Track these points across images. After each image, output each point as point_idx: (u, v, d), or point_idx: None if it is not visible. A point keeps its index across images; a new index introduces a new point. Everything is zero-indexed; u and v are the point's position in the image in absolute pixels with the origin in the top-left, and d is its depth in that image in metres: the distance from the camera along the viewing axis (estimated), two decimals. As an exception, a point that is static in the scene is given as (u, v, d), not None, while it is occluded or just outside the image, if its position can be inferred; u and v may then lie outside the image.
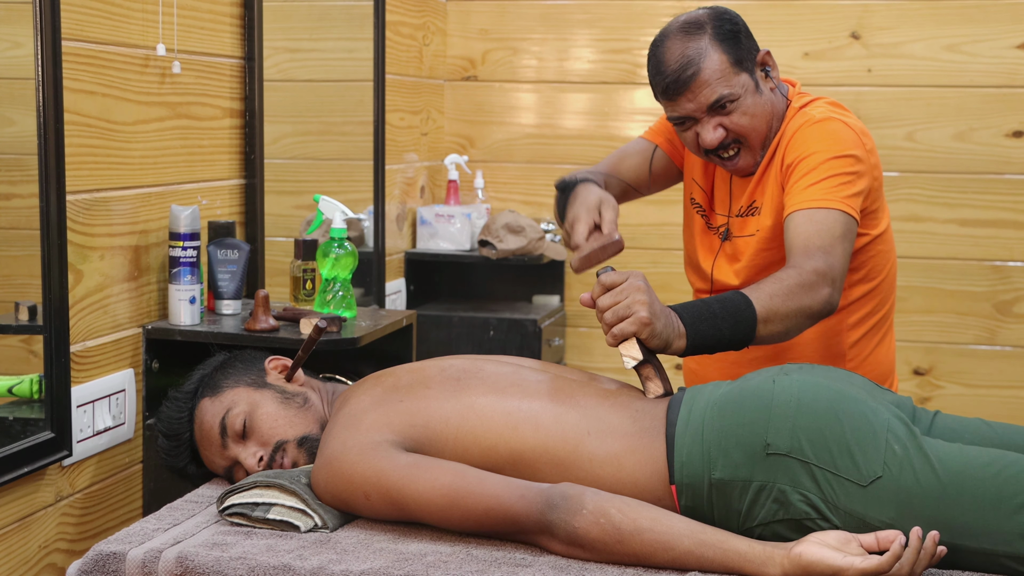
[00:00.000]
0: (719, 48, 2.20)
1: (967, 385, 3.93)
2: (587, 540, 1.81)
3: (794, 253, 2.09)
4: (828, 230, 2.10)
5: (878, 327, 2.34)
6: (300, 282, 2.69)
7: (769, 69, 2.28)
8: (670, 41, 2.22)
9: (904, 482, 1.80)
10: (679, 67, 2.19)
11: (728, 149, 2.25)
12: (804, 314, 2.03)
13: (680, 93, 2.21)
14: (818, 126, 2.22)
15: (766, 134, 2.26)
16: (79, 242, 2.26)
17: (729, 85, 2.20)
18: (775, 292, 2.01)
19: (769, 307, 1.99)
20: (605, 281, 1.96)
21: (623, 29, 4.06)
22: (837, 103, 2.31)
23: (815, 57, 3.92)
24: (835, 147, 2.18)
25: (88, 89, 2.28)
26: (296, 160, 3.27)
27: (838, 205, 2.13)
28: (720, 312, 1.98)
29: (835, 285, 2.06)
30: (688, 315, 1.98)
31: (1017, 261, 3.86)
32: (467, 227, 3.93)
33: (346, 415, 2.03)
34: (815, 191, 2.14)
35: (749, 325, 1.98)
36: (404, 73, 3.80)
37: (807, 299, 2.02)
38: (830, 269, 2.05)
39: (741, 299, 1.99)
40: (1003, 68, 3.81)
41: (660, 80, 2.23)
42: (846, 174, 2.16)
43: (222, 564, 1.82)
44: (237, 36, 2.81)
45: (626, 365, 1.97)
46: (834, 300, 2.06)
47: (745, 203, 2.29)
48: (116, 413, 2.39)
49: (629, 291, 1.94)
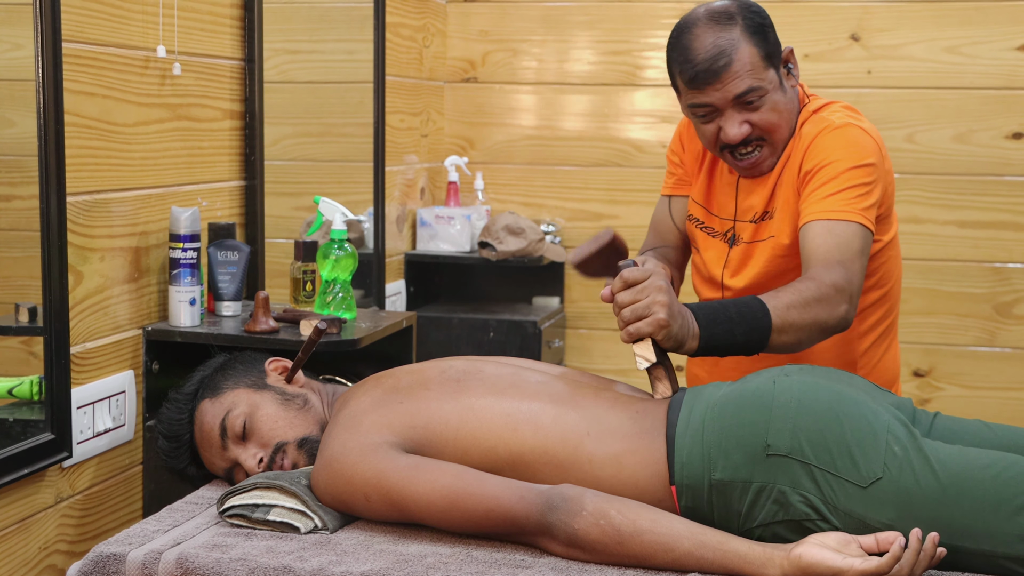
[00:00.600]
0: (751, 41, 2.15)
1: (967, 387, 3.93)
2: (587, 541, 1.81)
3: (813, 265, 2.07)
4: (847, 244, 2.08)
5: (886, 334, 2.32)
6: (300, 284, 2.69)
7: (792, 67, 2.24)
8: (699, 29, 2.16)
9: (904, 483, 1.80)
10: (711, 56, 2.13)
11: (748, 146, 2.20)
12: (818, 328, 2.01)
13: (709, 83, 2.15)
14: (838, 132, 2.18)
15: (788, 133, 2.22)
16: (79, 243, 2.26)
17: (759, 79, 2.15)
18: (793, 303, 1.99)
19: (785, 318, 1.98)
20: (627, 277, 1.94)
21: (623, 31, 4.06)
22: (852, 107, 2.27)
23: (815, 59, 3.92)
24: (855, 156, 2.15)
25: (88, 91, 2.28)
26: (296, 162, 3.27)
27: (857, 218, 2.10)
28: (736, 317, 1.97)
29: (852, 301, 2.04)
30: (704, 317, 1.96)
31: (1017, 263, 3.87)
32: (467, 229, 3.93)
33: (346, 416, 2.03)
34: (834, 202, 2.11)
35: (763, 333, 1.97)
36: (404, 75, 3.81)
37: (824, 313, 2.00)
38: (848, 285, 2.03)
39: (759, 306, 1.98)
40: (1003, 70, 3.81)
41: (689, 68, 2.15)
42: (864, 184, 2.13)
43: (222, 565, 1.82)
44: (237, 38, 2.81)
45: (639, 366, 1.96)
46: (850, 316, 2.04)
47: (759, 208, 2.25)
48: (116, 415, 2.39)
49: (650, 290, 1.92)
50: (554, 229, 4.08)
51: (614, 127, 4.10)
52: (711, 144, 2.23)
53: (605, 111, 4.11)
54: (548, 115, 4.16)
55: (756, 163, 2.23)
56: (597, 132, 4.13)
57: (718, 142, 2.21)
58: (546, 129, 4.17)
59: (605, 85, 4.11)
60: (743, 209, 2.28)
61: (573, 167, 4.14)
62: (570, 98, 4.16)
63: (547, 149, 4.15)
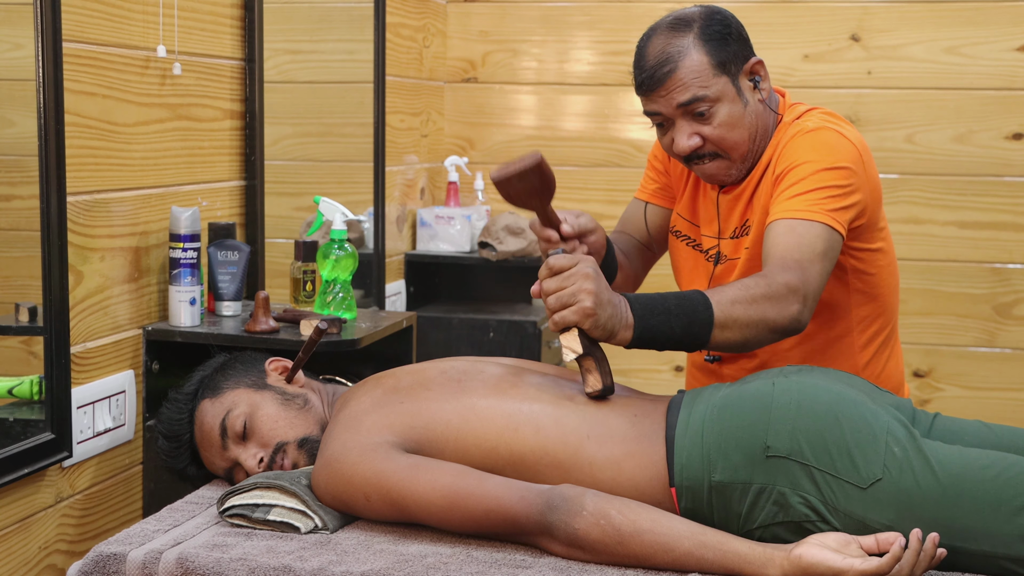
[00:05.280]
0: (702, 48, 2.10)
1: (967, 387, 3.93)
2: (587, 541, 1.81)
3: (769, 263, 1.99)
4: (808, 244, 1.99)
5: (886, 343, 2.26)
6: (300, 284, 2.69)
7: (759, 80, 2.16)
8: (656, 36, 2.14)
9: (904, 484, 1.80)
10: (656, 63, 2.11)
11: (703, 158, 2.15)
12: (767, 327, 1.93)
13: (653, 90, 2.12)
14: (811, 135, 2.12)
15: (748, 147, 2.15)
16: (79, 243, 2.26)
17: (705, 87, 2.10)
18: (738, 298, 1.91)
19: (729, 313, 1.90)
20: (553, 264, 1.90)
21: (623, 31, 4.06)
22: (832, 113, 2.21)
23: (815, 59, 3.92)
24: (827, 158, 2.07)
25: (89, 91, 2.28)
26: (296, 162, 3.27)
27: (823, 218, 2.02)
28: (675, 309, 1.91)
29: (806, 303, 1.95)
30: (640, 307, 1.90)
31: (1017, 263, 3.87)
32: (467, 229, 3.93)
33: (346, 416, 2.03)
34: (800, 201, 2.03)
35: (704, 327, 1.90)
36: (404, 75, 3.81)
37: (772, 312, 1.92)
38: (803, 285, 1.94)
39: (701, 299, 1.92)
40: (1003, 70, 3.81)
41: (637, 74, 2.14)
42: (836, 187, 2.05)
43: (222, 565, 1.82)
44: (238, 38, 2.81)
45: (564, 357, 1.91)
46: (803, 318, 1.95)
47: (738, 223, 2.20)
48: (116, 414, 2.39)
49: (576, 278, 1.87)
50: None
51: (614, 127, 4.11)
52: (670, 153, 2.20)
53: (605, 111, 4.11)
54: (548, 115, 4.16)
55: (714, 173, 2.18)
56: (597, 132, 4.13)
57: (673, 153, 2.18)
58: (546, 129, 4.17)
59: (605, 85, 4.11)
60: (725, 227, 2.24)
61: (573, 167, 4.14)
62: (570, 98, 4.16)
63: (547, 149, 4.15)
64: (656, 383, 4.09)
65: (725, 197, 2.23)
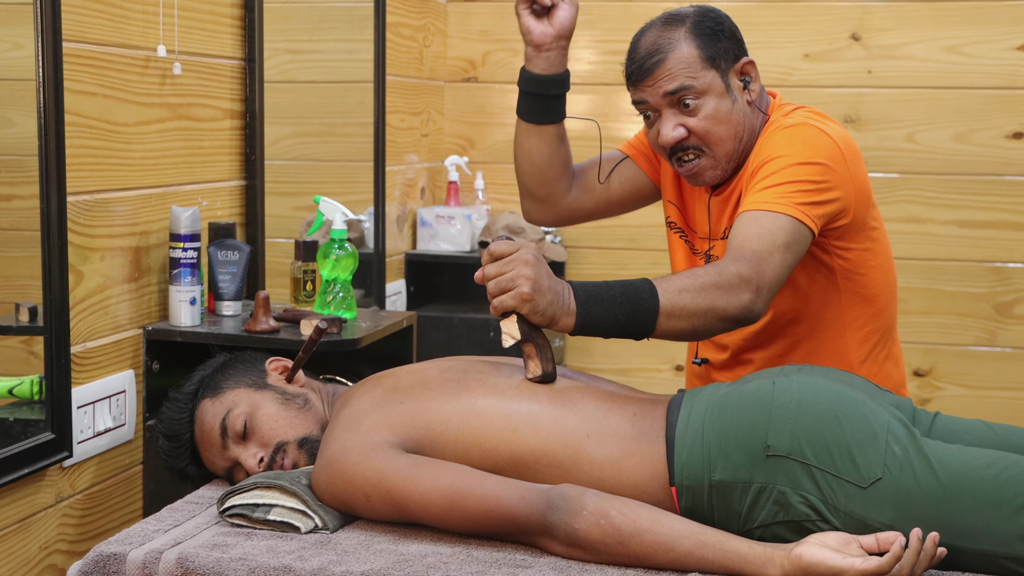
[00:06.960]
0: (693, 42, 2.12)
1: (967, 386, 3.93)
2: (587, 541, 1.81)
3: (727, 252, 1.97)
4: (770, 235, 1.97)
5: (882, 342, 2.24)
6: (300, 283, 2.69)
7: (749, 80, 2.16)
8: (649, 30, 2.17)
9: (904, 484, 1.80)
10: (647, 53, 2.13)
11: (688, 152, 2.15)
12: (716, 315, 1.91)
13: (642, 79, 2.14)
14: (789, 130, 2.11)
15: (733, 146, 2.15)
16: (80, 243, 2.26)
17: (693, 77, 2.11)
18: (686, 287, 1.90)
19: (676, 301, 1.89)
20: (494, 250, 1.90)
21: (623, 31, 4.04)
22: (820, 112, 2.20)
23: (815, 58, 3.92)
24: (803, 153, 2.06)
25: (89, 90, 2.28)
26: (296, 161, 3.27)
27: (790, 211, 2.00)
28: (620, 296, 1.90)
29: (760, 293, 1.92)
30: (583, 293, 1.90)
31: (1017, 262, 3.87)
32: (467, 228, 3.93)
33: (346, 416, 2.03)
34: (770, 194, 2.02)
35: (649, 315, 1.89)
36: (404, 74, 3.81)
37: (721, 300, 1.90)
38: (757, 276, 1.92)
39: (646, 287, 1.90)
40: (1003, 69, 3.81)
41: (628, 65, 2.17)
42: (809, 182, 2.03)
43: (222, 565, 1.82)
44: (238, 37, 2.81)
45: (503, 343, 1.91)
46: (756, 307, 1.93)
47: (728, 224, 2.19)
48: (116, 414, 2.39)
49: (516, 263, 1.87)
50: (554, 229, 4.08)
51: (614, 127, 4.10)
52: (656, 148, 2.21)
53: (605, 111, 4.11)
54: (548, 115, 4.15)
55: (696, 172, 2.17)
56: (597, 132, 4.12)
57: (660, 146, 2.18)
58: (546, 129, 4.16)
59: (605, 85, 4.11)
60: (716, 228, 2.23)
61: (573, 167, 4.13)
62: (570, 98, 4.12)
63: (547, 149, 4.14)
64: (656, 383, 4.09)
65: (716, 199, 2.23)
